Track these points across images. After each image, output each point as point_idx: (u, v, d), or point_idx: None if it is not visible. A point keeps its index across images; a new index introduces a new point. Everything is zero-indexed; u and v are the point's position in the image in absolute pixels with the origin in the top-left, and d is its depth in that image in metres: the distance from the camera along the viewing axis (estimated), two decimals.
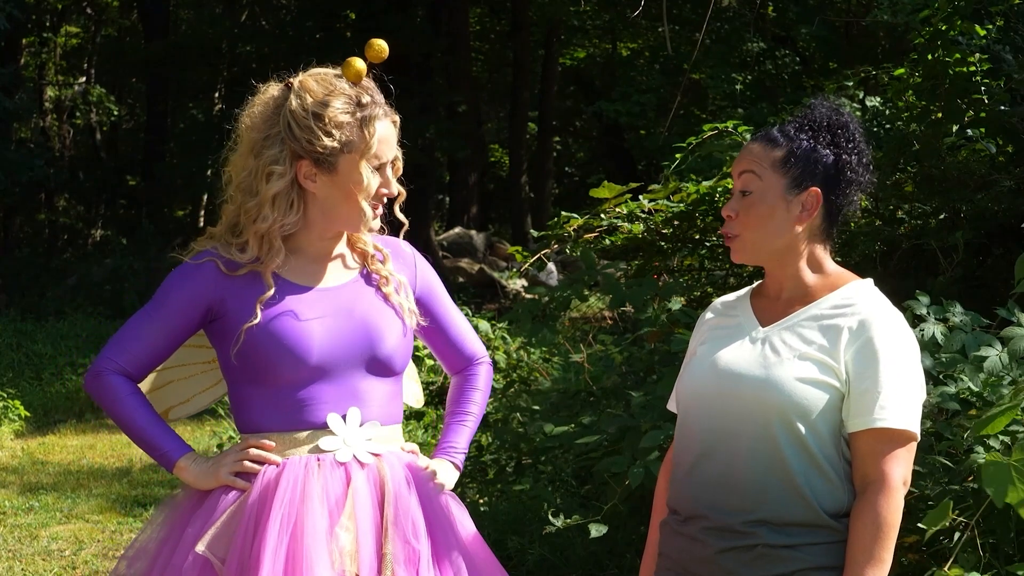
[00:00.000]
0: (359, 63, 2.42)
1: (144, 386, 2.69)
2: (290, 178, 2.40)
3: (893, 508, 2.19)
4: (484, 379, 2.69)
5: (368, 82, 2.45)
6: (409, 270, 2.58)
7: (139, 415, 2.44)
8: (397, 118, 2.47)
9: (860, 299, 2.27)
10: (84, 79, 24.93)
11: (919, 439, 2.24)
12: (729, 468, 2.24)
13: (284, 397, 2.39)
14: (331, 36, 19.12)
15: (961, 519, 3.12)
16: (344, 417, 2.41)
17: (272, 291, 2.40)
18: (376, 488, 2.39)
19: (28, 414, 10.01)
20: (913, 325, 3.55)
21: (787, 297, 2.33)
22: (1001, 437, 3.10)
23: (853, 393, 2.21)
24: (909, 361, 2.23)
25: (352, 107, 2.39)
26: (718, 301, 2.50)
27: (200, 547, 2.31)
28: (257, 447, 2.40)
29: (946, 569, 2.88)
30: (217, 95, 22.90)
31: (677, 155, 5.36)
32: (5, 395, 10.02)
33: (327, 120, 2.37)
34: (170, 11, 21.75)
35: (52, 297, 15.61)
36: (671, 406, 2.53)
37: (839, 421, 2.23)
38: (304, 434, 2.40)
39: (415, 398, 2.86)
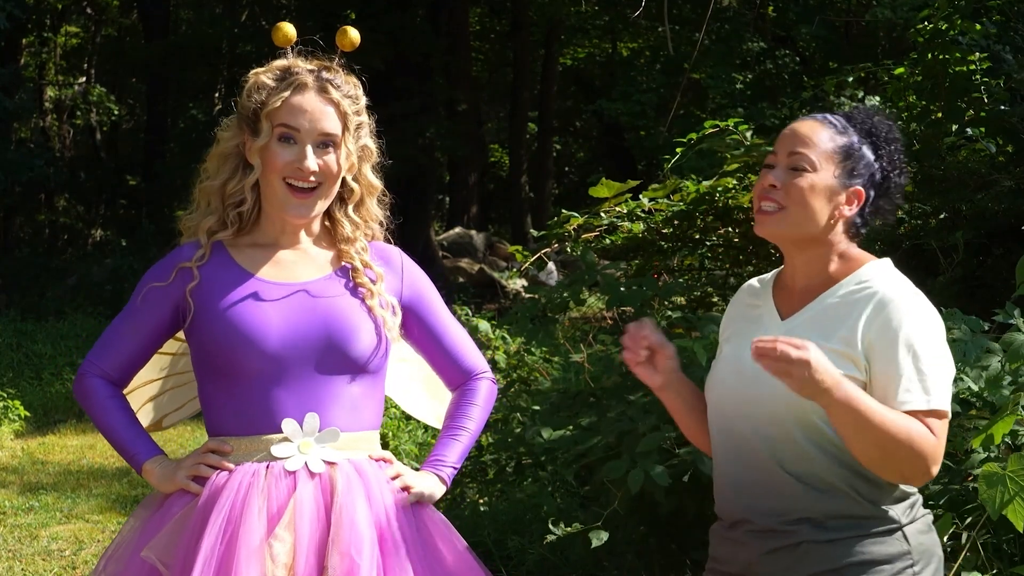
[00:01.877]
0: (287, 27, 2.48)
1: (141, 397, 2.68)
2: (235, 143, 2.44)
3: (930, 444, 2.11)
4: (484, 395, 2.58)
5: (335, 67, 2.46)
6: (395, 275, 2.51)
7: (113, 418, 2.44)
8: (342, 101, 2.41)
9: (875, 279, 2.23)
10: (84, 79, 24.93)
11: (949, 415, 2.18)
12: (760, 470, 2.22)
13: (244, 399, 2.35)
14: (331, 36, 19.10)
15: (967, 509, 3.12)
16: (302, 423, 2.35)
17: (204, 251, 2.43)
18: (325, 498, 2.32)
19: (28, 414, 10.01)
20: None
21: (804, 285, 2.30)
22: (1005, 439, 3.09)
23: (876, 376, 2.16)
24: (931, 338, 2.18)
25: (282, 74, 2.41)
26: (749, 285, 2.46)
27: (144, 551, 2.30)
28: (215, 451, 2.37)
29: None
30: (217, 95, 22.90)
31: (678, 149, 5.34)
32: (5, 395, 10.01)
33: (256, 84, 2.41)
34: (170, 11, 21.75)
35: (52, 297, 15.60)
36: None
37: None
38: (261, 439, 2.35)
39: (436, 417, 2.74)
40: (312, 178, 2.39)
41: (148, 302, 2.44)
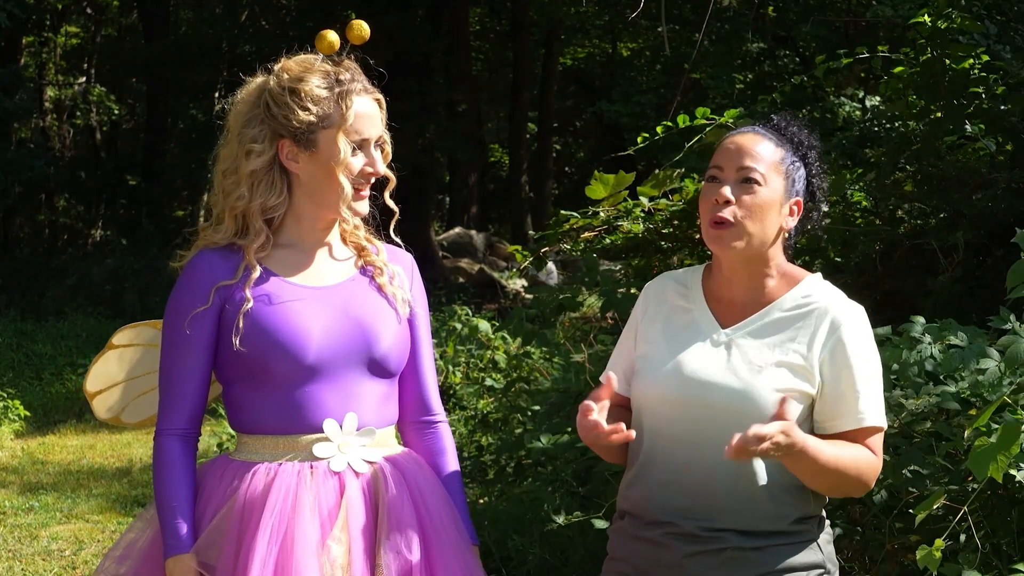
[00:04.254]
0: (331, 35, 2.43)
1: (126, 395, 2.66)
2: (269, 157, 2.38)
3: (874, 466, 2.24)
4: (452, 444, 2.59)
5: (351, 64, 2.43)
6: (407, 274, 2.53)
7: (175, 494, 2.35)
8: (381, 97, 2.44)
9: (819, 296, 2.28)
10: (84, 79, 24.93)
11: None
12: (695, 478, 2.23)
13: (280, 398, 2.35)
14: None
15: (962, 514, 3.11)
16: (341, 422, 2.36)
17: (258, 272, 2.37)
18: (370, 497, 2.35)
19: (28, 414, 10.01)
20: (910, 348, 3.54)
21: (742, 299, 2.31)
22: (994, 425, 3.08)
23: (830, 395, 2.22)
24: (875, 356, 2.27)
25: (330, 82, 2.37)
26: (672, 281, 2.41)
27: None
28: None
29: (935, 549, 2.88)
30: (217, 95, 22.89)
31: (659, 129, 5.20)
32: (5, 395, 10.02)
33: (303, 95, 2.35)
34: (170, 11, 21.76)
35: (52, 297, 15.61)
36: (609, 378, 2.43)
37: (807, 424, 2.24)
38: (300, 438, 2.36)
39: None
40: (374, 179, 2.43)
41: (194, 327, 2.36)
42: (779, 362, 2.21)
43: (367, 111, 2.38)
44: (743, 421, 2.18)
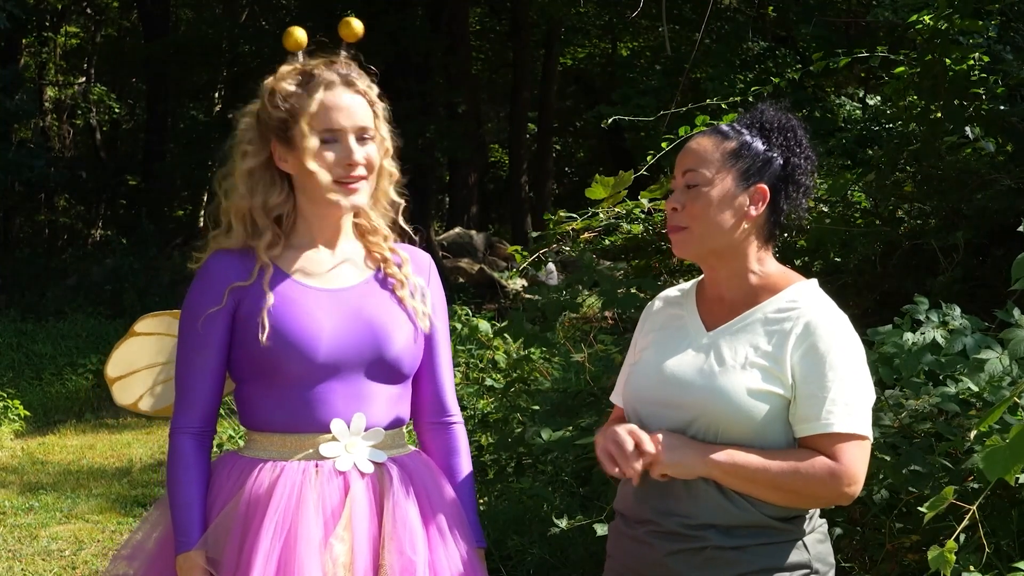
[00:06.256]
0: (298, 31, 2.45)
1: (146, 382, 2.69)
2: (263, 158, 2.41)
3: (828, 469, 2.17)
4: (467, 445, 2.60)
5: (344, 60, 2.45)
6: (422, 277, 2.54)
7: (189, 492, 2.37)
8: (370, 91, 2.43)
9: (804, 301, 2.25)
10: (84, 79, 24.95)
11: (871, 440, 2.23)
12: (674, 477, 2.23)
13: (290, 397, 2.36)
14: (331, 36, 19.09)
15: (969, 514, 3.12)
16: (349, 422, 2.37)
17: (272, 270, 2.39)
18: (375, 498, 2.36)
19: (28, 414, 10.02)
20: (913, 329, 3.54)
21: (730, 298, 2.31)
22: (996, 427, 3.09)
23: (800, 398, 2.19)
24: (855, 364, 2.21)
25: (302, 77, 2.39)
26: (665, 295, 2.47)
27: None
28: None
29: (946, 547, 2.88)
30: (217, 95, 22.93)
31: (663, 144, 5.24)
32: (5, 395, 10.02)
33: (277, 93, 2.39)
34: (170, 11, 21.77)
35: (52, 297, 15.62)
36: (615, 399, 2.50)
37: (787, 428, 2.22)
38: (308, 437, 2.37)
39: None
40: (360, 170, 2.40)
41: (208, 327, 2.38)
42: (753, 363, 2.21)
43: (338, 102, 2.38)
44: (717, 421, 2.20)
